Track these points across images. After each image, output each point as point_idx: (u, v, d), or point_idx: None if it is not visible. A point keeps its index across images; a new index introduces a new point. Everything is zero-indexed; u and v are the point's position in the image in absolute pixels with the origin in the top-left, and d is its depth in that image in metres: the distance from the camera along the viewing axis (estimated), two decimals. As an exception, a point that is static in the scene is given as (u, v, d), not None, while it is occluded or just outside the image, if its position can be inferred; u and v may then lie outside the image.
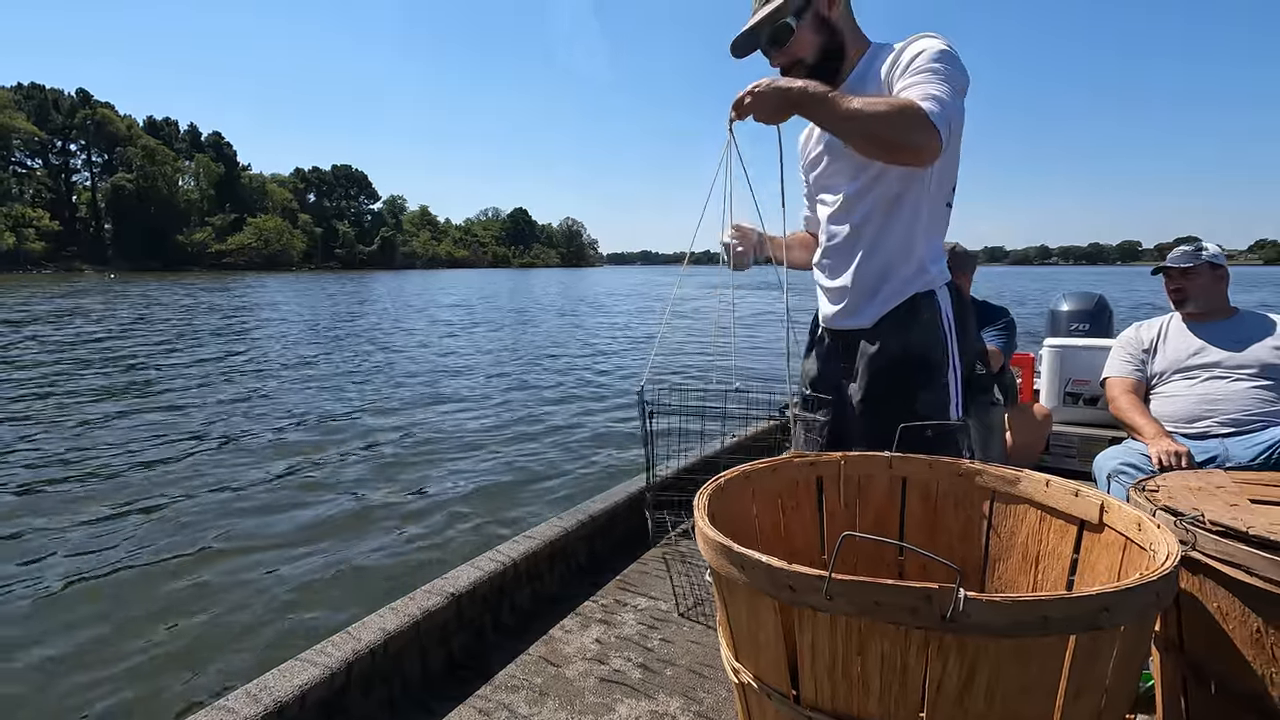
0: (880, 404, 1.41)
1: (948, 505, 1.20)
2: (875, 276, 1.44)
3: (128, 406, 6.95)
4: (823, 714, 0.78)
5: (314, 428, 6.19)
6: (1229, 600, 0.90)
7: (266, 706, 1.25)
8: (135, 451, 5.31)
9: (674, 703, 1.50)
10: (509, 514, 4.11)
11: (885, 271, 1.43)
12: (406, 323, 17.00)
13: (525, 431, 6.19)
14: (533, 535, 2.03)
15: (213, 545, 3.58)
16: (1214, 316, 2.23)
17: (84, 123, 76.79)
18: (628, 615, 1.88)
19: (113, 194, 73.56)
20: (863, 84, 1.38)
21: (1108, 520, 0.97)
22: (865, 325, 1.46)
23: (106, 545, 3.55)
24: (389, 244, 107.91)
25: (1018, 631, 0.67)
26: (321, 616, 2.87)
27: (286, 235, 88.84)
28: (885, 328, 1.44)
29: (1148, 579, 0.71)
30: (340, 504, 4.23)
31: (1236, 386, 2.08)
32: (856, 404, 1.47)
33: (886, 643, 0.71)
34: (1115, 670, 0.74)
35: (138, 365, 9.74)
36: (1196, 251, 2.22)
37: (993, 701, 0.70)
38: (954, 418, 1.41)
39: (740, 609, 0.87)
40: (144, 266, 70.88)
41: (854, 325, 1.49)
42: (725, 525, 0.90)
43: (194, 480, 4.63)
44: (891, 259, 1.43)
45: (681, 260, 1.81)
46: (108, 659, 2.56)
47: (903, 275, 1.43)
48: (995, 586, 1.16)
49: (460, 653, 1.69)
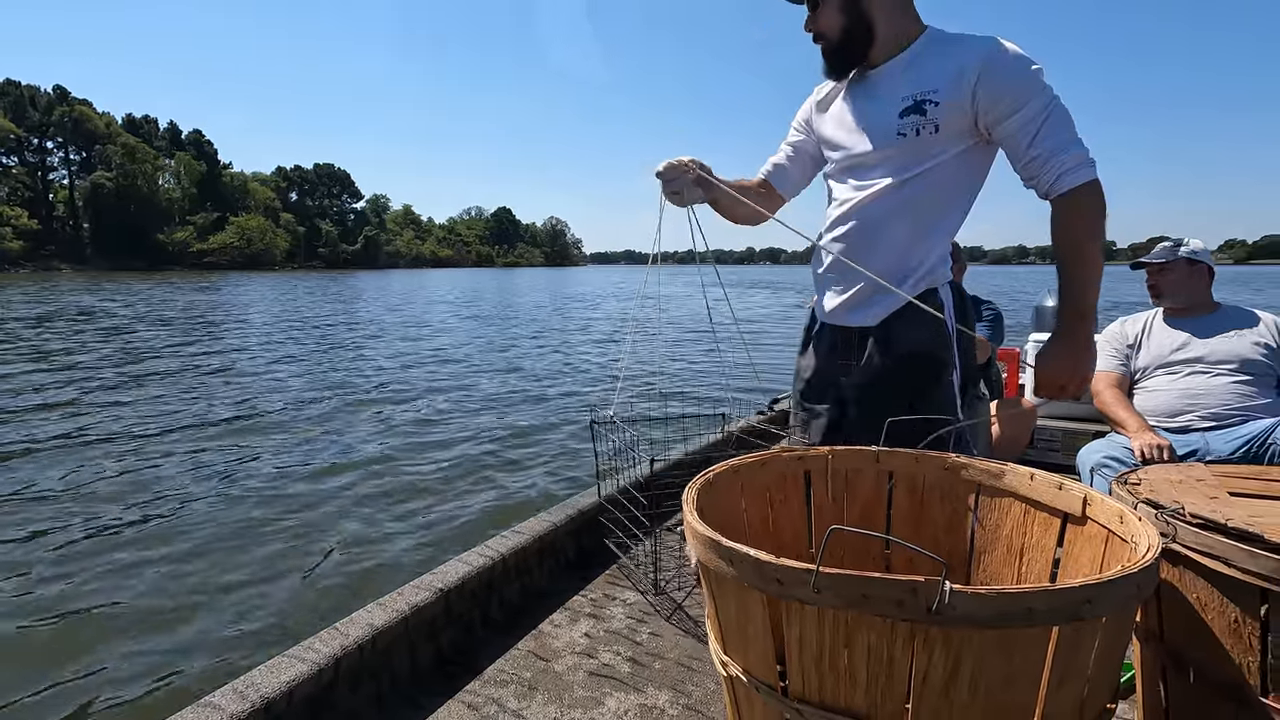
0: (886, 403, 1.35)
1: (934, 499, 1.21)
2: (892, 273, 1.38)
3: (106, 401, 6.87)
4: (810, 706, 0.79)
5: (297, 423, 6.15)
6: (1208, 591, 0.91)
7: (253, 703, 1.24)
8: (128, 438, 5.25)
9: (663, 696, 1.51)
10: (496, 509, 4.10)
11: (903, 268, 1.39)
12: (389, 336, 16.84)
13: (516, 428, 6.18)
14: (521, 530, 2.03)
15: (186, 545, 3.54)
16: (1196, 312, 2.26)
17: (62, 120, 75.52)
18: (617, 609, 1.89)
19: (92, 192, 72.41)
20: (916, 70, 1.34)
21: (1090, 513, 0.98)
22: (871, 323, 1.42)
23: (86, 540, 3.51)
24: (372, 243, 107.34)
25: (1002, 623, 0.67)
26: (308, 612, 2.86)
27: (270, 234, 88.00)
28: (893, 325, 1.40)
29: (1129, 571, 0.72)
30: (325, 497, 4.20)
31: (1217, 381, 2.11)
32: (859, 403, 1.43)
33: (873, 635, 0.72)
34: (1097, 660, 0.75)
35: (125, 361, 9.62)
36: (1174, 248, 2.26)
37: (977, 692, 0.71)
38: (958, 417, 1.38)
39: (729, 602, 0.87)
40: (125, 265, 70.01)
41: (860, 322, 1.44)
42: (714, 519, 0.90)
43: (160, 478, 4.59)
44: (911, 256, 1.39)
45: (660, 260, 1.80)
46: (90, 656, 2.53)
47: (918, 273, 1.39)
48: (980, 579, 1.17)
49: (449, 648, 1.68)
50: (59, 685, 2.37)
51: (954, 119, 1.30)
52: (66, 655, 2.54)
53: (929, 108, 1.31)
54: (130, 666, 2.49)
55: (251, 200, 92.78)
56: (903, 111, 1.34)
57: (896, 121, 1.34)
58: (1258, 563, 0.83)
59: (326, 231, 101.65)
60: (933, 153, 1.33)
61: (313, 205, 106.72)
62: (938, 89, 1.30)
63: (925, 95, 1.31)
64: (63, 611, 2.85)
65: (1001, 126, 1.27)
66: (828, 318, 1.51)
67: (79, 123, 76.08)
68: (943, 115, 1.30)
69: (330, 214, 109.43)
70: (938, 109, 1.30)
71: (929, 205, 1.37)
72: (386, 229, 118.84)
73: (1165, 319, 2.31)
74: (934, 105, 1.31)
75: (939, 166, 1.33)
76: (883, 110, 1.37)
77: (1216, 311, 2.25)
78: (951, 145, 1.33)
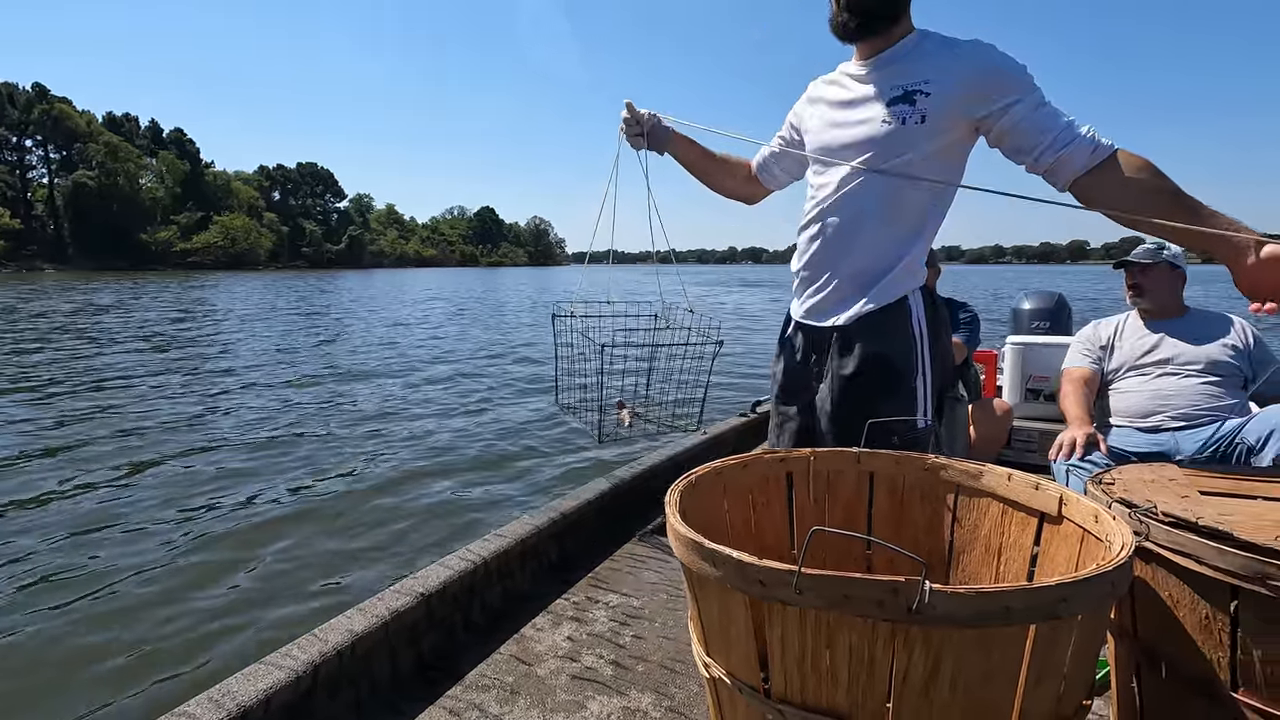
0: (845, 408, 1.39)
1: (914, 499, 1.22)
2: (867, 273, 1.39)
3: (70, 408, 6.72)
4: (792, 707, 0.79)
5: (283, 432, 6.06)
6: (1180, 588, 0.93)
7: (229, 711, 1.22)
8: (104, 437, 5.15)
9: (646, 699, 1.51)
10: (478, 513, 4.08)
11: (878, 268, 1.39)
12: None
13: (500, 426, 6.15)
14: (503, 534, 2.02)
15: (159, 553, 3.48)
16: (1168, 314, 2.31)
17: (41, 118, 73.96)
18: (600, 612, 1.88)
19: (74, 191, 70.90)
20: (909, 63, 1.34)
21: (1066, 513, 1.00)
22: (841, 323, 1.42)
23: (64, 541, 3.44)
24: (357, 243, 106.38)
25: (981, 622, 0.68)
26: (285, 618, 2.81)
27: (254, 234, 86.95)
28: (858, 329, 1.40)
29: (1104, 569, 0.73)
30: (304, 499, 4.15)
31: (1187, 382, 2.16)
32: (824, 407, 1.45)
33: (855, 635, 0.72)
34: (1073, 657, 0.76)
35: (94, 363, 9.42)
36: (1158, 250, 2.29)
37: (956, 690, 0.72)
38: (922, 424, 1.39)
39: (712, 604, 0.87)
40: (108, 265, 68.83)
41: (829, 323, 1.44)
42: (697, 521, 0.90)
43: (134, 483, 4.50)
44: (888, 255, 1.39)
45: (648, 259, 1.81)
46: (64, 663, 2.48)
47: (892, 275, 1.38)
48: (959, 578, 1.18)
49: (430, 653, 1.67)
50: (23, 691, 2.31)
51: (943, 111, 1.29)
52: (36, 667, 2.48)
53: (919, 98, 1.31)
54: (104, 674, 2.43)
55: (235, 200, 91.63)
56: (891, 100, 1.34)
57: (884, 110, 1.34)
58: (1227, 560, 0.85)
59: (310, 231, 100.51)
60: (915, 144, 1.31)
61: (296, 205, 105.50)
62: (929, 80, 1.30)
63: (916, 86, 1.31)
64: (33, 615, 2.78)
65: (1007, 116, 1.25)
66: (801, 317, 1.52)
67: (59, 121, 74.51)
68: (932, 106, 1.30)
69: (314, 213, 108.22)
70: (928, 99, 1.30)
71: (906, 202, 1.37)
72: (370, 228, 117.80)
73: (1138, 321, 2.36)
74: (925, 96, 1.30)
75: (920, 160, 1.31)
76: (871, 101, 1.37)
77: (1187, 314, 2.30)
78: (935, 139, 1.31)
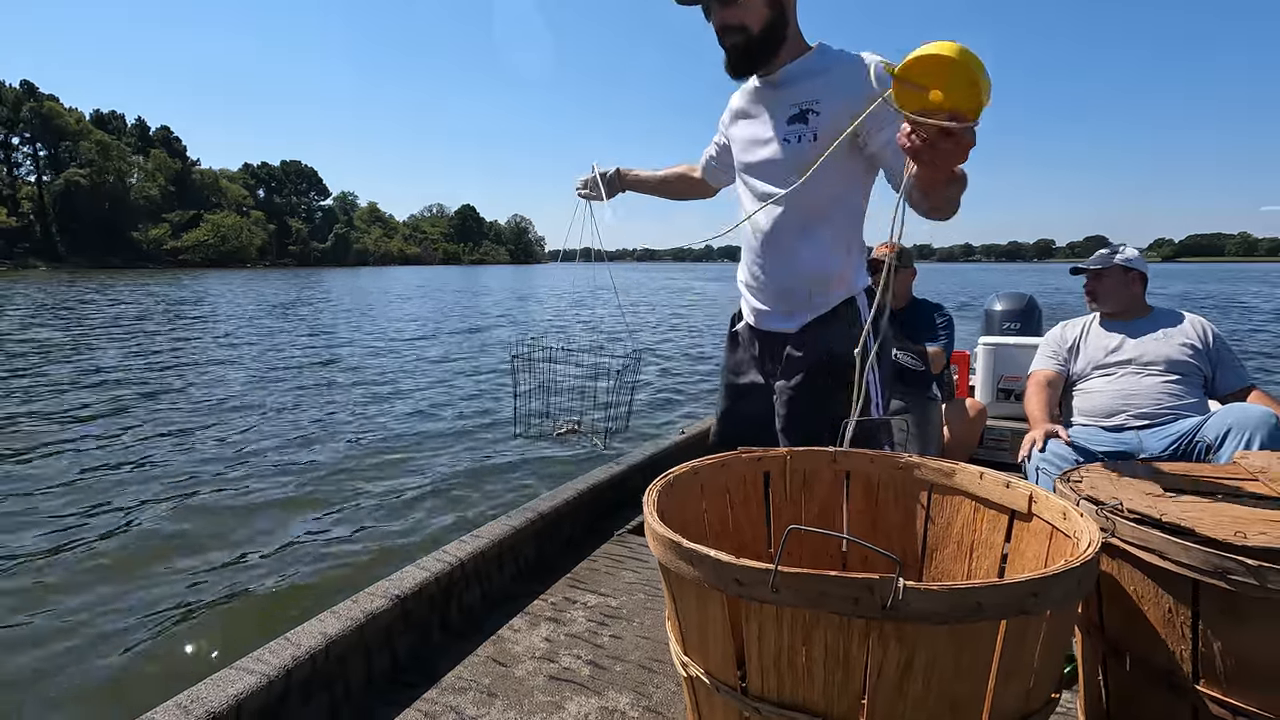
0: (798, 406, 1.47)
1: (888, 498, 1.24)
2: (812, 281, 1.47)
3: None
4: (769, 704, 0.80)
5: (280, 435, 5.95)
6: (1144, 583, 0.95)
7: (198, 718, 1.19)
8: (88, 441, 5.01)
9: (623, 699, 1.50)
10: (455, 514, 4.04)
11: (823, 277, 1.46)
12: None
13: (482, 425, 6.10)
14: (480, 535, 2.00)
15: (126, 553, 3.40)
16: (1130, 315, 2.37)
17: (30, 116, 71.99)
18: (577, 613, 1.88)
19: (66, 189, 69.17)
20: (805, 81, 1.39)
21: (1036, 510, 1.02)
22: (792, 329, 1.50)
23: (22, 548, 3.34)
24: (343, 241, 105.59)
25: (953, 618, 0.69)
26: (257, 622, 2.76)
27: (245, 232, 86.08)
28: (809, 333, 1.48)
29: (1071, 565, 0.75)
30: (278, 502, 4.08)
31: (1149, 381, 2.22)
32: (778, 404, 1.52)
33: (830, 632, 0.73)
34: (1042, 651, 0.77)
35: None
36: (1111, 254, 2.38)
37: (930, 685, 0.73)
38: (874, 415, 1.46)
39: (689, 603, 0.87)
40: (101, 263, 67.81)
41: (781, 328, 1.52)
42: (675, 520, 0.91)
43: (101, 483, 4.39)
44: (829, 265, 1.46)
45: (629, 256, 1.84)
46: (33, 668, 2.40)
47: (835, 281, 1.47)
48: (932, 575, 1.20)
49: (405, 656, 1.65)
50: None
51: (832, 129, 1.33)
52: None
53: (811, 117, 1.37)
54: (68, 680, 2.37)
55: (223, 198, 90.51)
56: (789, 119, 1.40)
57: (785, 128, 1.41)
58: (1190, 555, 0.87)
59: (297, 229, 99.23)
60: (812, 161, 1.30)
61: (281, 202, 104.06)
62: (819, 99, 1.36)
63: (808, 105, 1.38)
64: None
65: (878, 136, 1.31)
66: (752, 321, 1.60)
67: (47, 119, 72.76)
68: (822, 124, 1.36)
69: (299, 211, 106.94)
70: (819, 118, 1.36)
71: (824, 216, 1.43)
72: (355, 226, 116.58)
73: (1102, 323, 2.42)
74: (815, 115, 1.37)
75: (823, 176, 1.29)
76: (775, 118, 1.44)
77: (1150, 314, 2.37)
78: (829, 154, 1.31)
